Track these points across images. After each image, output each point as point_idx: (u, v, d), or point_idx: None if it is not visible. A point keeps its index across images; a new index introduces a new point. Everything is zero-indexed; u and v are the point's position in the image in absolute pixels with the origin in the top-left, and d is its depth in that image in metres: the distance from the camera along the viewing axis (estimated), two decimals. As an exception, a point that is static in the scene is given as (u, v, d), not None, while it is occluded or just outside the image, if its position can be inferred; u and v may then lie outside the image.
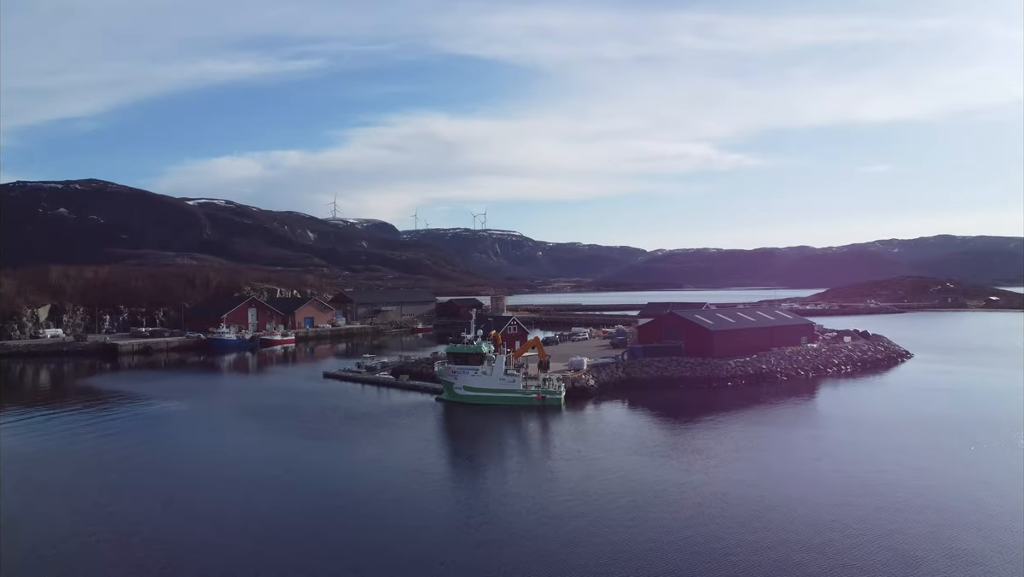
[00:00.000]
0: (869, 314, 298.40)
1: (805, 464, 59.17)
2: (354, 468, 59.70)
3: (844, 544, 40.21)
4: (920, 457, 60.39)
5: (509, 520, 45.48)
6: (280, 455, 63.31)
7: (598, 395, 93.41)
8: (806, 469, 57.49)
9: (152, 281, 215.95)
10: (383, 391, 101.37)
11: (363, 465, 60.61)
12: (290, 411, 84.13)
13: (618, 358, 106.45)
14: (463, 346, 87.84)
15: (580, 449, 64.98)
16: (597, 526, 43.77)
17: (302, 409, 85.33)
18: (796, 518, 44.72)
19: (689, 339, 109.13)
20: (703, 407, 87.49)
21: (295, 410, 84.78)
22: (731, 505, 47.55)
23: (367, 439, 69.58)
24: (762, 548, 39.80)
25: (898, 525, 43.36)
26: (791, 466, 58.40)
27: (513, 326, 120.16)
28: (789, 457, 61.62)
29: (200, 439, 71.74)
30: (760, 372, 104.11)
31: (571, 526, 43.88)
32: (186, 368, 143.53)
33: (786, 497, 49.21)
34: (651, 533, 42.48)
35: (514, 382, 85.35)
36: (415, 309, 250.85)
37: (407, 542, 41.36)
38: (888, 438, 68.05)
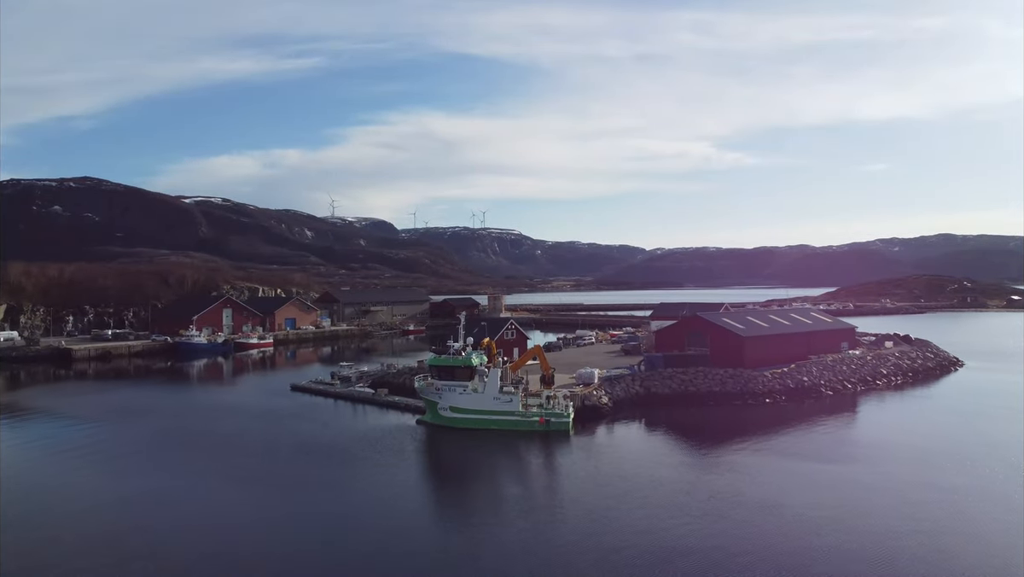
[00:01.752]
0: (887, 315, 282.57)
1: (893, 530, 43.46)
2: (280, 535, 43.93)
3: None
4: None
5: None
6: (181, 516, 46.76)
7: (612, 415, 77.81)
8: (895, 539, 41.82)
9: (122, 279, 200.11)
10: (358, 408, 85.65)
11: (298, 529, 44.84)
12: (233, 440, 68.17)
13: (634, 369, 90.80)
14: (449, 358, 71.94)
15: (597, 496, 49.30)
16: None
17: (249, 437, 69.35)
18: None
19: (716, 346, 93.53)
20: (740, 431, 71.82)
21: (240, 439, 68.83)
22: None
23: (316, 484, 53.59)
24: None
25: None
26: (878, 530, 42.76)
27: (511, 330, 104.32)
28: (871, 518, 45.80)
29: (80, 488, 53.00)
30: (801, 385, 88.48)
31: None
32: (143, 377, 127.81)
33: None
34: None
35: (511, 402, 69.63)
36: (407, 309, 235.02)
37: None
38: (984, 483, 52.39)
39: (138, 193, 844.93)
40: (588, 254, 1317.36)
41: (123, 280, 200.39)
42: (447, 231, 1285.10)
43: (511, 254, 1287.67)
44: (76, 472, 57.26)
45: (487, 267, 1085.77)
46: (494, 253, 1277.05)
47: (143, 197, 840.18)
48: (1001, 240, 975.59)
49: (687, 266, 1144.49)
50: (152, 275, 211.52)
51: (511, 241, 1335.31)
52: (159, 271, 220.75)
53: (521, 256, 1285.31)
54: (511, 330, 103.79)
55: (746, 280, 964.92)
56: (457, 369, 70.71)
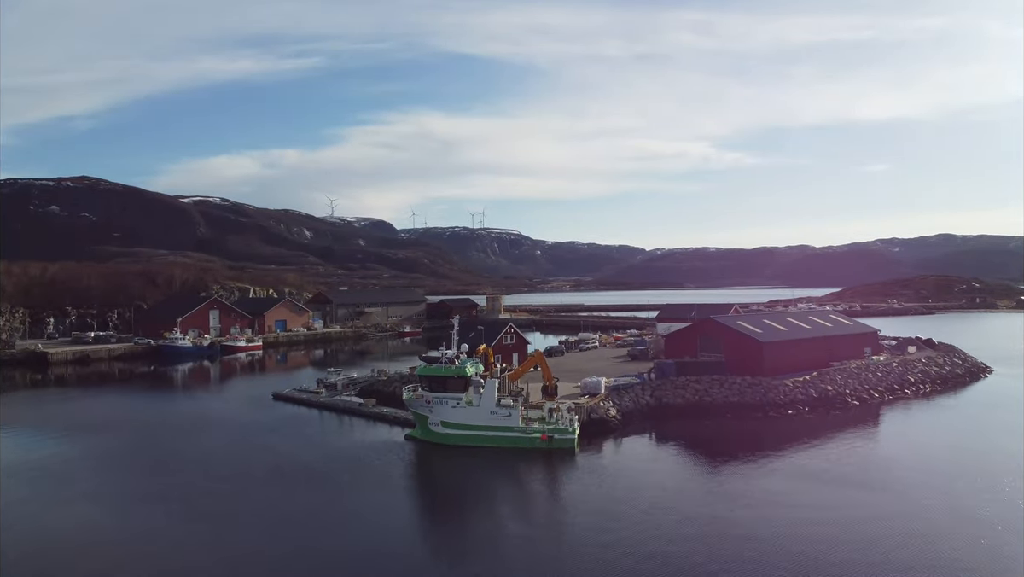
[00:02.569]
0: (895, 316, 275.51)
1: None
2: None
3: None
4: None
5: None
6: (115, 558, 39.89)
7: (621, 429, 70.67)
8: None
9: (106, 279, 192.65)
10: (343, 421, 78.51)
11: (256, 573, 37.71)
12: (199, 461, 60.75)
13: (643, 377, 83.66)
14: (440, 367, 64.66)
15: (607, 528, 42.19)
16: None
17: (218, 457, 61.97)
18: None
19: (732, 352, 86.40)
20: (762, 448, 64.71)
21: (207, 459, 61.44)
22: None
23: (286, 516, 46.41)
24: None
25: None
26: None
27: (510, 335, 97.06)
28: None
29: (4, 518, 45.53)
30: (825, 395, 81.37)
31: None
32: (120, 383, 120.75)
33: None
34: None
35: (510, 416, 62.47)
36: (403, 310, 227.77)
37: None
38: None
39: (136, 193, 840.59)
40: (588, 254, 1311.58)
41: (108, 280, 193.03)
42: (446, 231, 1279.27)
43: (510, 254, 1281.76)
44: (5, 497, 50.00)
45: (486, 267, 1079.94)
46: (493, 253, 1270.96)
47: (141, 197, 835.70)
48: (1001, 240, 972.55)
49: (687, 266, 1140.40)
50: (139, 275, 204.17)
51: (510, 241, 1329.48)
52: (146, 271, 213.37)
53: (520, 256, 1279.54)
54: (510, 334, 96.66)
55: (746, 280, 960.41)
56: (449, 380, 63.51)
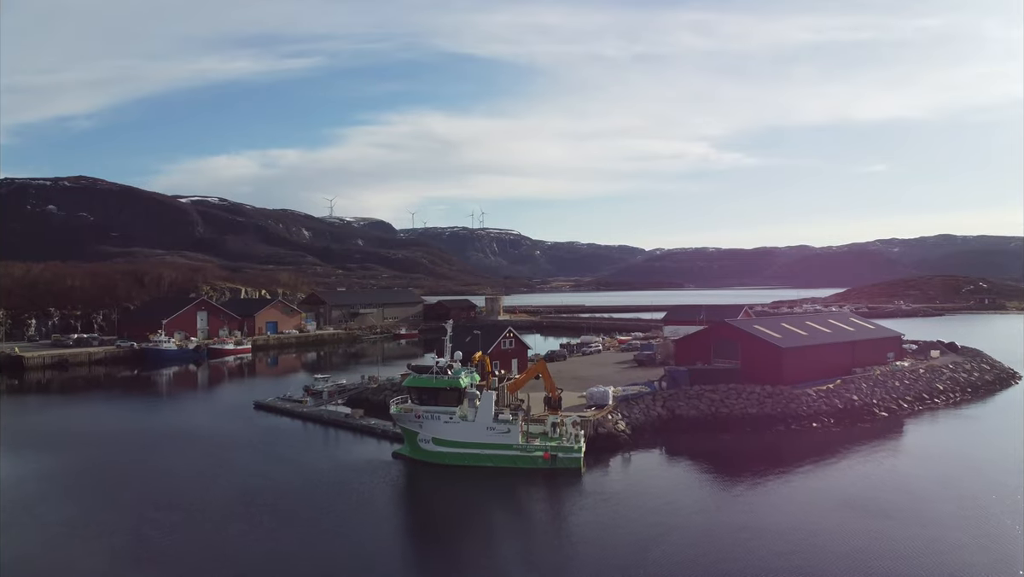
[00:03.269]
0: (903, 317, 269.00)
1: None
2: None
3: None
4: None
5: None
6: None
7: (630, 444, 64.32)
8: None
9: (92, 280, 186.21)
10: (328, 434, 72.17)
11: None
12: (159, 485, 54.12)
13: (653, 386, 77.28)
14: (431, 377, 58.16)
15: (619, 564, 35.88)
16: None
17: (182, 481, 55.25)
18: None
19: (748, 358, 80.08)
20: (785, 466, 58.51)
21: (169, 483, 54.78)
22: None
23: (245, 558, 40.06)
24: None
25: None
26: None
27: (509, 339, 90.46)
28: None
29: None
30: (851, 405, 75.04)
31: None
32: (96, 389, 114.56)
33: None
34: None
35: (509, 433, 56.08)
36: (399, 311, 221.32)
37: None
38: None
39: (134, 193, 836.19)
40: (587, 254, 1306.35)
41: (94, 280, 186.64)
42: (446, 231, 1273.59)
43: (510, 254, 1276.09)
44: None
45: (486, 267, 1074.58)
46: (493, 253, 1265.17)
47: (139, 197, 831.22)
48: (1001, 240, 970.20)
49: (687, 266, 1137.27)
50: (126, 275, 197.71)
51: (510, 241, 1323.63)
52: (134, 271, 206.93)
53: (520, 256, 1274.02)
54: (509, 339, 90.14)
55: (746, 280, 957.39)
56: (442, 392, 57.08)
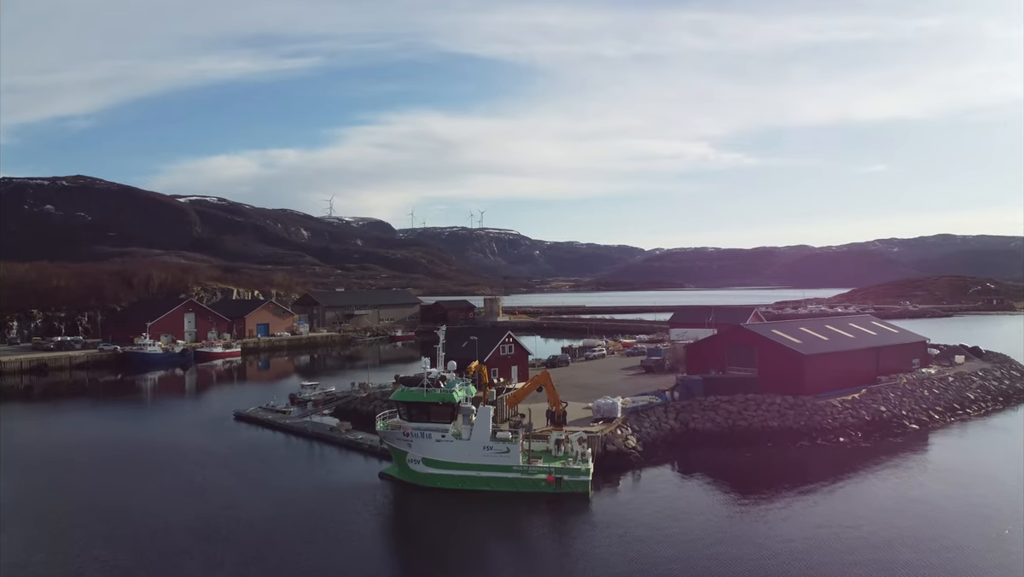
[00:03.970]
0: (911, 318, 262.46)
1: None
2: None
3: None
4: None
5: None
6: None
7: (642, 462, 58.51)
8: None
9: (78, 280, 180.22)
10: (311, 449, 66.34)
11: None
12: (108, 517, 48.09)
13: (664, 396, 71.37)
14: (420, 391, 52.19)
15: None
16: None
17: (137, 509, 49.22)
18: None
19: (766, 366, 74.20)
20: (813, 485, 52.92)
21: (121, 514, 48.73)
22: None
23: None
24: None
25: None
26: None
27: (508, 344, 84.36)
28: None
29: None
30: (879, 417, 69.16)
31: None
32: (71, 397, 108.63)
33: None
34: None
35: (508, 453, 50.15)
36: (395, 312, 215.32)
37: None
38: None
39: (132, 192, 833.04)
40: (587, 254, 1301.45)
41: (80, 281, 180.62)
42: (445, 231, 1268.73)
43: (509, 254, 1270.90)
44: None
45: (485, 267, 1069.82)
46: (492, 253, 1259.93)
47: (137, 196, 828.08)
48: (1001, 240, 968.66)
49: (687, 266, 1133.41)
50: (113, 275, 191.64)
51: (509, 241, 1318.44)
52: (121, 271, 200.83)
53: (519, 256, 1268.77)
54: (508, 344, 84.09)
55: (746, 280, 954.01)
56: (433, 407, 51.08)
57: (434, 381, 51.82)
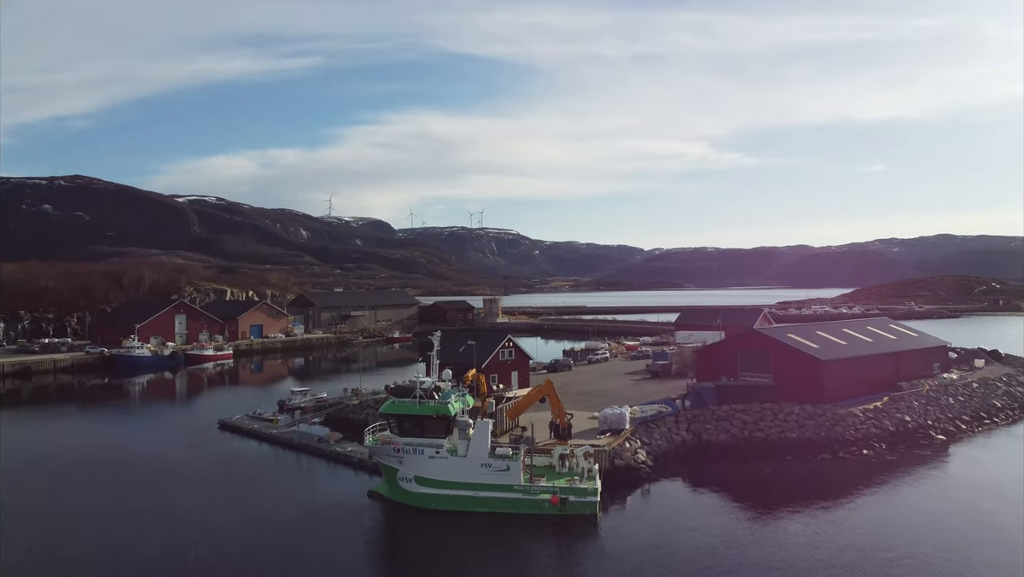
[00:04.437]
0: (918, 319, 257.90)
1: None
2: None
3: None
4: None
5: None
6: None
7: (652, 477, 54.26)
8: None
9: (67, 281, 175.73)
10: (299, 462, 62.01)
11: None
12: (65, 536, 43.79)
13: (675, 405, 67.01)
14: (413, 403, 47.79)
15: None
16: None
17: (98, 532, 44.90)
18: None
19: (782, 372, 69.90)
20: (837, 502, 48.76)
21: (82, 533, 44.42)
22: None
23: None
24: None
25: None
26: None
27: (508, 349, 79.83)
28: None
29: None
30: (904, 427, 64.92)
31: None
32: (52, 402, 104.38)
33: None
34: None
35: (509, 471, 45.78)
36: (392, 313, 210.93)
37: None
38: None
39: (130, 192, 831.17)
40: (586, 254, 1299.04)
41: (69, 281, 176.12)
42: (444, 231, 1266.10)
43: (509, 254, 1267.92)
44: None
45: (485, 267, 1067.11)
46: (492, 253, 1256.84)
47: (135, 196, 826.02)
48: (1001, 240, 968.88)
49: (686, 266, 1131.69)
50: (103, 276, 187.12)
51: (509, 241, 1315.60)
52: (112, 271, 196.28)
53: (519, 256, 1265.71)
54: (508, 348, 79.65)
55: (746, 280, 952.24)
56: (427, 420, 46.68)
57: (428, 392, 47.36)
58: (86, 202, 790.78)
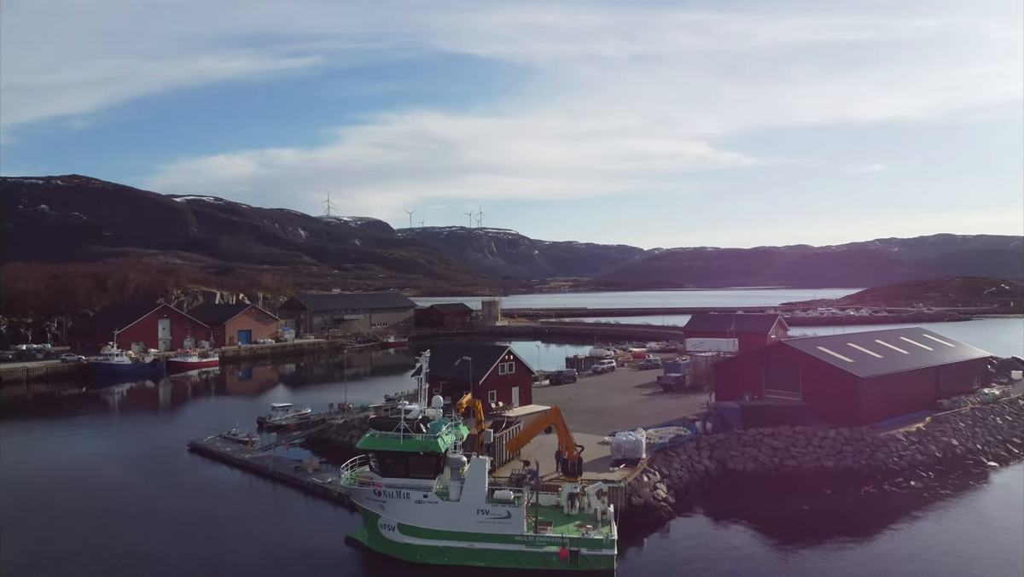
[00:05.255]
0: (928, 321, 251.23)
1: None
2: None
3: None
4: None
5: None
6: None
7: (673, 514, 47.29)
8: None
9: (47, 283, 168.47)
10: (272, 493, 55.05)
11: None
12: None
13: (694, 428, 59.92)
14: (397, 438, 40.37)
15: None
16: None
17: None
18: None
19: (813, 389, 62.88)
20: (888, 546, 41.69)
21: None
22: None
23: None
24: None
25: None
26: None
27: (508, 363, 72.41)
28: None
29: None
30: (952, 453, 57.94)
31: None
32: (13, 416, 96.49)
33: None
34: None
35: (510, 518, 38.55)
36: (388, 317, 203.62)
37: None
38: None
39: (128, 192, 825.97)
40: (586, 254, 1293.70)
41: (50, 284, 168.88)
42: (443, 231, 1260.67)
43: (508, 254, 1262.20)
44: None
45: (484, 267, 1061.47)
46: (491, 253, 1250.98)
47: (133, 196, 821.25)
48: (1001, 240, 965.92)
49: (686, 266, 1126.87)
50: (86, 278, 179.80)
51: (508, 241, 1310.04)
52: (96, 273, 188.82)
53: (518, 256, 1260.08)
54: (508, 362, 72.44)
55: (746, 280, 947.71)
56: (412, 458, 39.49)
57: (414, 424, 40.19)
58: (83, 202, 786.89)
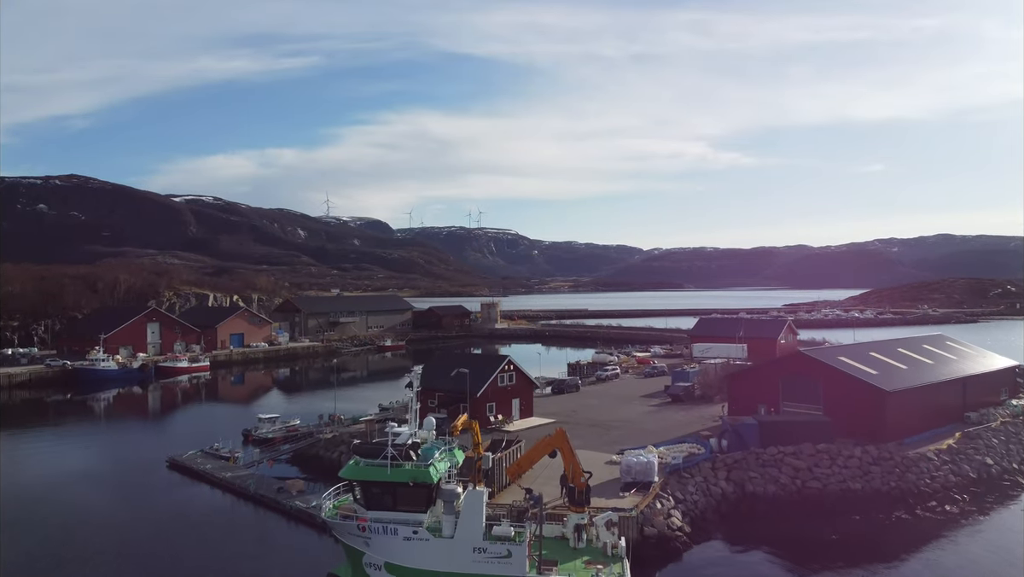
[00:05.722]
0: (935, 324, 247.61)
1: None
2: None
3: None
4: None
5: None
6: None
7: (688, 544, 43.15)
8: None
9: (35, 285, 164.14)
10: (251, 517, 50.85)
11: None
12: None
13: (708, 445, 55.67)
14: (384, 467, 35.77)
15: None
16: None
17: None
18: None
19: (835, 403, 58.67)
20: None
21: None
22: None
23: None
24: None
25: None
26: None
27: (508, 373, 68.08)
28: None
29: None
30: (986, 472, 53.79)
31: None
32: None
33: None
34: None
35: (510, 558, 34.27)
36: (385, 319, 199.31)
37: None
38: None
39: (126, 192, 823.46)
40: (585, 254, 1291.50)
41: (37, 286, 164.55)
42: (443, 231, 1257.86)
43: (507, 254, 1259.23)
44: None
45: (483, 267, 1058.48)
46: (490, 253, 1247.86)
47: (131, 196, 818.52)
48: (1001, 240, 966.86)
49: (686, 266, 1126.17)
50: (75, 279, 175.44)
51: (507, 241, 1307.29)
52: (87, 274, 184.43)
53: (518, 256, 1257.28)
54: (508, 372, 68.15)
55: (746, 281, 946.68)
56: (401, 489, 35.14)
57: (403, 450, 35.92)
58: (82, 202, 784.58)
